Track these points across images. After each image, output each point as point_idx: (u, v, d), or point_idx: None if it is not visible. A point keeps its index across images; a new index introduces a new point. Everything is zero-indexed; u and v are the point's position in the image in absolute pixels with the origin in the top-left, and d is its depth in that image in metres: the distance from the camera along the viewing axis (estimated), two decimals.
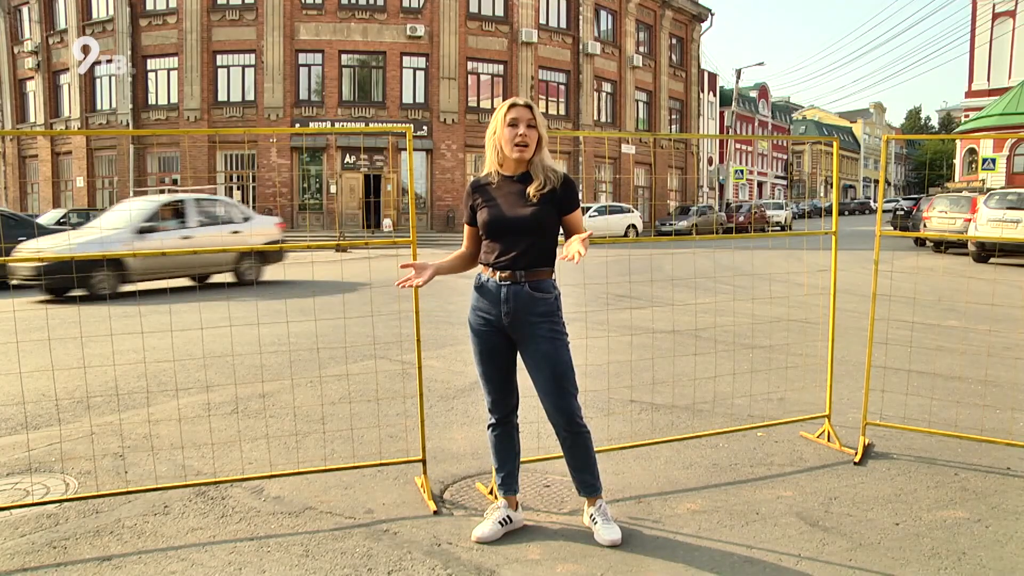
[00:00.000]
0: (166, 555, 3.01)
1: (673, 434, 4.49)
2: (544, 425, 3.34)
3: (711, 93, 51.61)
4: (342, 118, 29.89)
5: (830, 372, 4.52)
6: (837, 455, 4.15)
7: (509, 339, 3.06)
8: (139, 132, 21.46)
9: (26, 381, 5.38)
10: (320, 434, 4.48)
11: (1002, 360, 6.65)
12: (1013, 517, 3.35)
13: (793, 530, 3.22)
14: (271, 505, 3.50)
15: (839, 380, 5.40)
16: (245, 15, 30.02)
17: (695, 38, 43.36)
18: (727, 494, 3.62)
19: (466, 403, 5.19)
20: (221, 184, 30.97)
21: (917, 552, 3.01)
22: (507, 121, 2.95)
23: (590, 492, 3.15)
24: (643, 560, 2.95)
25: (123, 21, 30.75)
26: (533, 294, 2.98)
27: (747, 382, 5.70)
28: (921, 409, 4.92)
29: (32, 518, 3.35)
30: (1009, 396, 5.44)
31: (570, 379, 3.01)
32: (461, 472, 3.90)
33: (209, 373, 5.88)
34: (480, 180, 3.11)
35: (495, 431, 3.19)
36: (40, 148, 34.28)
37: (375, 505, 3.48)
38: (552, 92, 34.13)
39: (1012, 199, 17.07)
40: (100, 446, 4.31)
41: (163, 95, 31.29)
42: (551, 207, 2.96)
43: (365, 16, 30.17)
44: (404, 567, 2.89)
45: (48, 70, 33.88)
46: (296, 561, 2.95)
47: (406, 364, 6.14)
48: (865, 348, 4.48)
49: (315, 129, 28.21)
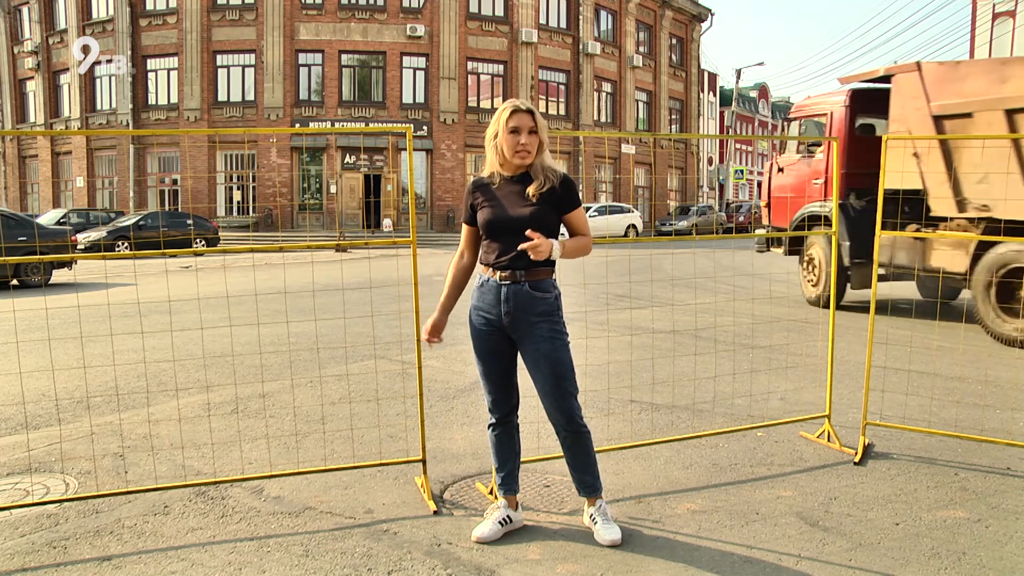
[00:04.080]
0: (166, 555, 3.01)
1: (673, 434, 4.49)
2: (544, 425, 3.34)
3: (711, 93, 51.61)
4: (342, 118, 29.87)
5: (830, 372, 4.52)
6: (837, 455, 4.15)
7: (509, 339, 3.06)
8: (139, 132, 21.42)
9: (26, 381, 5.38)
10: (320, 434, 4.48)
11: (1002, 360, 6.65)
12: (1013, 517, 3.35)
13: (793, 530, 3.22)
14: (271, 505, 3.50)
15: (839, 380, 5.40)
16: (245, 15, 30.01)
17: (695, 38, 43.35)
18: (727, 494, 3.62)
19: (466, 403, 5.19)
20: (221, 184, 31.00)
21: (917, 552, 3.01)
22: (509, 128, 2.95)
23: (590, 492, 3.15)
24: (643, 560, 2.95)
25: (123, 21, 30.74)
26: (533, 294, 2.98)
27: (747, 382, 5.70)
28: (921, 409, 4.92)
29: (32, 518, 3.35)
30: (1009, 396, 5.44)
31: (570, 379, 3.01)
32: (461, 472, 3.90)
33: (209, 373, 5.88)
34: (481, 180, 3.11)
35: (495, 431, 3.19)
36: (40, 148, 34.28)
37: (375, 505, 3.48)
38: (552, 92, 34.13)
39: None
40: (100, 446, 4.31)
41: (163, 95, 31.28)
42: (551, 207, 2.97)
43: (365, 16, 30.17)
44: (404, 567, 2.89)
45: (48, 70, 33.87)
46: (296, 561, 2.95)
47: (406, 364, 6.14)
48: (865, 348, 4.48)
49: (315, 129, 28.19)
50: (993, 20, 40.89)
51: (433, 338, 3.16)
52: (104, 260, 10.71)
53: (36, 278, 13.65)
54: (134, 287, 11.01)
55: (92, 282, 13.86)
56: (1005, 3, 39.95)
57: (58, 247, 14.11)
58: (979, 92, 7.63)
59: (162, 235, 20.44)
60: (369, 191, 30.22)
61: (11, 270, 13.12)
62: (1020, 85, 7.24)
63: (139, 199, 31.02)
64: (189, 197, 29.00)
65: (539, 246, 2.84)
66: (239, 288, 9.15)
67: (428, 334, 3.15)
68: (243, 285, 9.61)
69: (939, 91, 8.06)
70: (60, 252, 14.16)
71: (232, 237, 26.76)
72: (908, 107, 8.42)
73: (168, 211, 27.57)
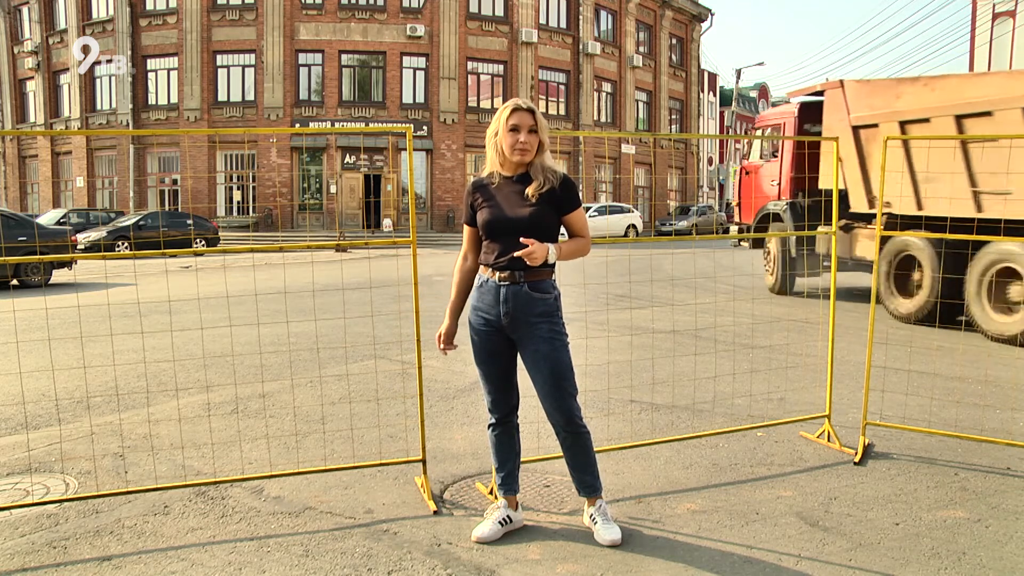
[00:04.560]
0: (166, 555, 3.01)
1: (673, 434, 4.49)
2: (544, 425, 3.34)
3: (711, 93, 51.57)
4: (342, 118, 29.86)
5: (830, 372, 4.52)
6: (837, 455, 4.15)
7: (509, 339, 3.06)
8: (139, 132, 21.42)
9: (26, 381, 5.38)
10: (320, 434, 4.48)
11: (1002, 360, 6.65)
12: (1013, 517, 3.35)
13: (793, 530, 3.22)
14: (271, 505, 3.50)
15: (839, 380, 5.40)
16: (245, 15, 30.01)
17: (695, 38, 43.35)
18: (727, 494, 3.62)
19: (466, 403, 5.19)
20: (221, 184, 31.00)
21: (917, 552, 3.01)
22: (508, 125, 2.95)
23: (590, 492, 3.15)
24: (643, 560, 2.95)
25: (123, 21, 30.74)
26: (532, 294, 2.98)
27: (747, 382, 5.70)
28: (921, 409, 4.92)
29: (32, 518, 3.35)
30: (1009, 396, 5.44)
31: (569, 380, 3.01)
32: (461, 472, 3.90)
33: (209, 373, 5.88)
34: (481, 180, 3.11)
35: (495, 431, 3.19)
36: (40, 148, 34.27)
37: (375, 505, 3.48)
38: (552, 92, 34.12)
39: None
40: (100, 446, 4.31)
41: (163, 95, 31.28)
42: (550, 207, 2.97)
43: (365, 16, 30.16)
44: (404, 567, 2.89)
45: (48, 70, 33.87)
46: (296, 561, 2.95)
47: (406, 364, 6.14)
48: (865, 348, 4.48)
49: (315, 129, 28.20)
50: (993, 20, 40.86)
51: (448, 347, 3.16)
52: (104, 260, 10.71)
53: (36, 278, 13.67)
54: (134, 287, 11.01)
55: (92, 282, 13.86)
56: (1005, 3, 39.93)
57: (58, 247, 14.12)
58: (881, 107, 8.86)
59: (162, 235, 20.44)
60: (369, 191, 30.22)
61: (11, 270, 13.13)
62: (910, 101, 8.42)
63: (139, 199, 31.02)
64: (189, 197, 28.99)
65: (533, 252, 2.85)
66: (239, 288, 9.15)
67: (441, 343, 3.16)
68: (243, 285, 9.60)
69: (856, 105, 9.30)
70: (60, 252, 14.17)
71: (232, 237, 26.76)
72: (834, 118, 9.63)
73: (168, 211, 27.57)
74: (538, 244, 2.86)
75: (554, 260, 2.95)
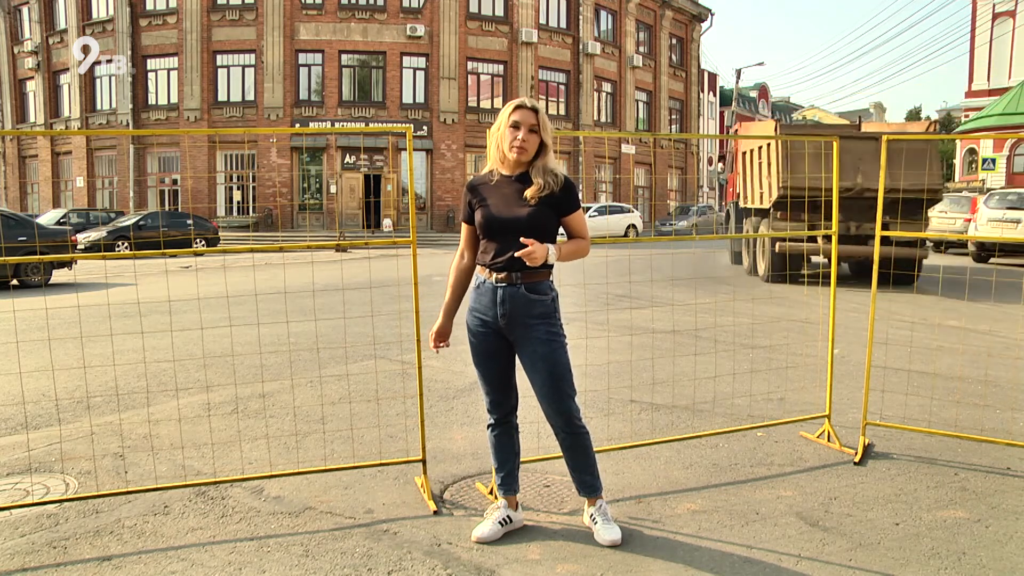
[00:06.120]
0: (166, 555, 3.01)
1: (673, 434, 4.49)
2: (544, 425, 3.34)
3: (711, 93, 51.53)
4: (342, 118, 29.86)
5: (830, 372, 4.52)
6: (837, 455, 4.15)
7: (507, 340, 3.05)
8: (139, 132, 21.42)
9: (26, 381, 5.38)
10: (320, 434, 4.48)
11: (1002, 360, 6.65)
12: (1013, 517, 3.35)
13: (793, 530, 3.22)
14: (271, 505, 3.50)
15: (839, 380, 5.40)
16: (245, 15, 30.00)
17: (695, 38, 43.35)
18: (727, 494, 3.62)
19: (466, 403, 5.19)
20: (221, 184, 30.99)
21: (917, 552, 3.01)
22: (510, 122, 2.95)
23: (590, 492, 3.15)
24: (643, 560, 2.95)
25: (123, 21, 30.73)
26: (529, 296, 2.97)
27: (747, 382, 5.70)
28: (921, 409, 4.92)
29: (32, 518, 3.35)
30: (1009, 396, 5.44)
31: (568, 381, 3.00)
32: (461, 472, 3.90)
33: (209, 373, 5.88)
34: (479, 178, 3.10)
35: (495, 431, 3.19)
36: (40, 148, 34.27)
37: (375, 505, 3.48)
38: (552, 92, 34.12)
39: (1012, 199, 17.13)
40: (100, 446, 4.31)
41: (163, 95, 31.27)
42: (549, 209, 2.96)
43: (365, 16, 30.16)
44: (404, 567, 2.89)
45: (48, 70, 33.87)
46: (296, 561, 2.95)
47: (406, 364, 6.14)
48: (865, 348, 4.48)
49: (315, 129, 28.19)
50: (993, 20, 40.85)
51: (440, 344, 3.15)
52: (104, 260, 10.71)
53: (36, 278, 13.66)
54: (134, 287, 11.01)
55: (92, 282, 13.85)
56: (1005, 3, 39.86)
57: (58, 247, 14.12)
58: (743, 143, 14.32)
59: (162, 235, 20.44)
60: (369, 191, 30.21)
61: (11, 270, 13.12)
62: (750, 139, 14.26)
63: (139, 199, 31.02)
64: (189, 197, 28.99)
65: (533, 253, 2.84)
66: (239, 288, 9.14)
67: (434, 340, 3.15)
68: (243, 285, 9.60)
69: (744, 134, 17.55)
70: (60, 252, 14.16)
71: (232, 237, 26.76)
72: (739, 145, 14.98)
73: (168, 211, 27.56)
74: (538, 244, 2.85)
75: (554, 261, 2.95)
